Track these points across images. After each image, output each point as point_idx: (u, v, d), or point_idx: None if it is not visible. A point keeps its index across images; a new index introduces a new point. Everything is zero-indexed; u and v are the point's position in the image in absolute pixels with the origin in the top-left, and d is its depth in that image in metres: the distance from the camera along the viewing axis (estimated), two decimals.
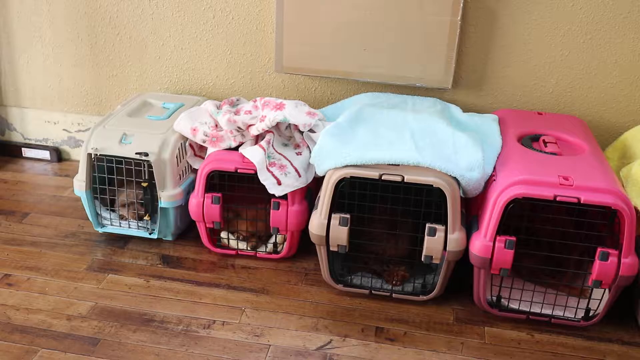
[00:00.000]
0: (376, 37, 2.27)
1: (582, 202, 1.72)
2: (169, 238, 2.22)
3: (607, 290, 1.81)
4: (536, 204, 1.81)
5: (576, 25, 2.23)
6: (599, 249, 1.75)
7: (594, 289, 1.82)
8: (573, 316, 1.86)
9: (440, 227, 1.82)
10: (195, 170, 2.19)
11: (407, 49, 2.26)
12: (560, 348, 1.81)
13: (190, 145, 2.19)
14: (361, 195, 1.85)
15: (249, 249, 2.14)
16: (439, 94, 2.37)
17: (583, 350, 1.80)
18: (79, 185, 2.14)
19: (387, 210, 1.90)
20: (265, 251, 2.14)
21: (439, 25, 2.21)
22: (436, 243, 1.83)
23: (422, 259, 1.86)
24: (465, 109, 2.33)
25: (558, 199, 1.73)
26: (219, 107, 2.21)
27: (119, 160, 2.09)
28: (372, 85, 2.42)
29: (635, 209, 1.79)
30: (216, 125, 2.14)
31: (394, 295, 1.96)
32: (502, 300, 1.89)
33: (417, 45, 2.25)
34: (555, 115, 2.28)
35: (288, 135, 2.16)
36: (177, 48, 2.51)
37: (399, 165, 1.83)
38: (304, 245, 2.12)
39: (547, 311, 1.87)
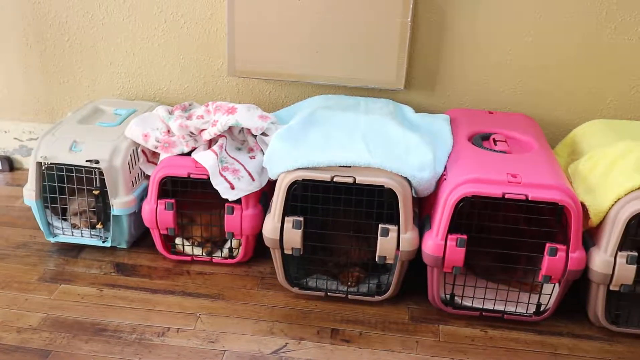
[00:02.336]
0: (328, 39, 2.27)
1: (529, 199, 1.74)
2: (123, 246, 2.19)
3: (557, 285, 1.84)
4: (488, 202, 1.83)
5: (523, 26, 2.26)
6: (547, 245, 1.78)
7: (544, 284, 1.85)
8: (525, 311, 1.89)
9: (392, 228, 1.83)
10: (148, 177, 2.17)
11: (359, 51, 2.28)
12: (512, 343, 1.83)
13: (143, 151, 2.17)
14: (314, 197, 1.85)
15: (204, 254, 2.12)
16: (392, 95, 2.39)
17: (535, 345, 1.83)
18: (29, 194, 2.10)
19: (340, 212, 1.91)
20: (221, 256, 2.13)
21: (390, 26, 2.22)
22: (389, 243, 1.84)
23: (376, 260, 1.87)
24: (418, 110, 2.34)
25: (506, 196, 1.75)
26: (171, 113, 2.19)
27: (70, 168, 2.06)
28: (325, 88, 2.43)
29: (582, 204, 1.83)
30: (168, 131, 2.12)
31: (349, 296, 1.96)
32: (456, 298, 1.90)
33: (369, 46, 2.26)
34: (506, 114, 2.32)
35: (241, 139, 2.15)
36: (129, 53, 2.49)
37: (350, 166, 1.84)
38: (260, 250, 2.11)
39: (499, 307, 1.89)
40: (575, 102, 2.34)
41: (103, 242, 2.15)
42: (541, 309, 1.88)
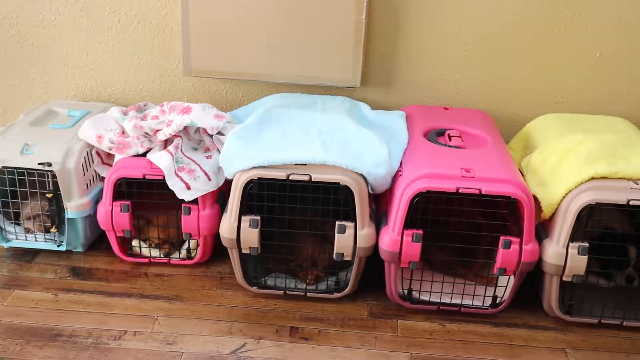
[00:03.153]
0: (284, 37, 2.27)
1: (483, 193, 1.77)
2: (79, 249, 2.16)
3: (511, 277, 1.87)
4: (445, 197, 1.85)
5: (478, 22, 2.29)
6: (501, 238, 1.80)
7: (500, 276, 1.88)
8: (481, 304, 1.91)
9: (349, 224, 1.84)
10: (103, 179, 2.14)
11: (314, 49, 2.28)
12: (470, 336, 1.86)
13: (97, 153, 2.14)
14: (270, 196, 1.85)
15: (162, 256, 2.10)
16: (348, 93, 2.39)
17: (491, 337, 1.86)
18: None
19: (297, 210, 1.91)
20: (179, 257, 2.11)
21: (345, 24, 2.23)
22: (346, 240, 1.85)
23: (334, 257, 1.88)
24: (375, 107, 2.36)
25: (460, 191, 1.77)
26: (125, 113, 2.16)
27: (21, 171, 2.02)
28: (283, 86, 2.42)
29: (534, 197, 1.86)
30: (123, 132, 2.09)
31: (308, 294, 1.96)
32: (413, 292, 1.92)
33: (325, 44, 2.27)
34: (461, 109, 2.35)
35: (198, 139, 2.14)
36: (82, 54, 2.45)
37: (306, 164, 1.84)
38: (219, 250, 2.09)
39: (456, 301, 1.92)
40: (529, 97, 2.38)
41: (58, 246, 2.11)
42: (497, 302, 1.90)
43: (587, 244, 1.79)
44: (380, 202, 2.03)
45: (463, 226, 1.92)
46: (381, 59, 2.36)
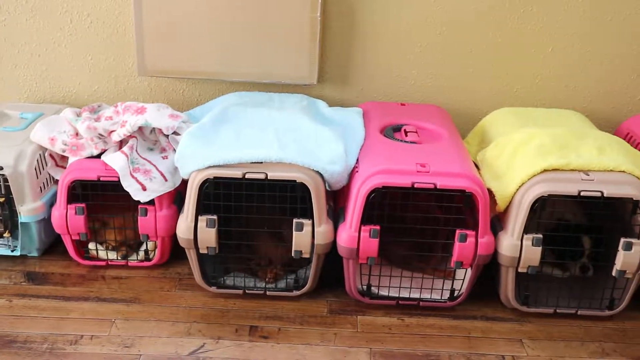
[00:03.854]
0: (239, 36, 2.26)
1: (438, 187, 1.78)
2: (34, 254, 2.12)
3: (468, 270, 1.89)
4: (403, 192, 1.85)
5: (433, 18, 2.31)
6: (457, 231, 1.82)
7: (457, 269, 1.90)
8: (440, 297, 1.93)
9: (307, 222, 1.84)
10: (57, 182, 2.10)
11: (270, 47, 2.27)
12: (428, 329, 1.87)
13: (51, 155, 2.10)
14: (227, 195, 1.84)
15: (119, 258, 2.08)
16: (306, 90, 2.39)
17: (450, 330, 1.87)
18: None
19: (254, 209, 1.90)
20: (137, 259, 2.09)
21: (300, 22, 2.23)
22: (304, 237, 1.85)
23: (292, 254, 1.87)
24: (333, 104, 2.36)
25: (416, 185, 1.78)
26: (78, 115, 2.13)
27: None
28: (240, 85, 2.41)
29: (489, 190, 1.88)
30: (76, 134, 2.06)
31: (268, 292, 1.96)
32: (372, 288, 1.93)
33: (280, 42, 2.26)
34: (418, 105, 2.36)
35: (153, 139, 2.12)
36: (34, 55, 2.40)
37: (262, 162, 1.83)
38: (177, 250, 2.07)
39: (415, 295, 1.93)
40: (485, 92, 2.41)
41: (12, 251, 2.07)
42: (455, 295, 1.92)
43: (540, 236, 1.81)
44: (338, 199, 2.03)
45: (420, 221, 1.93)
46: (338, 56, 2.36)
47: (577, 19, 2.29)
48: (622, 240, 1.80)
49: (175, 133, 2.05)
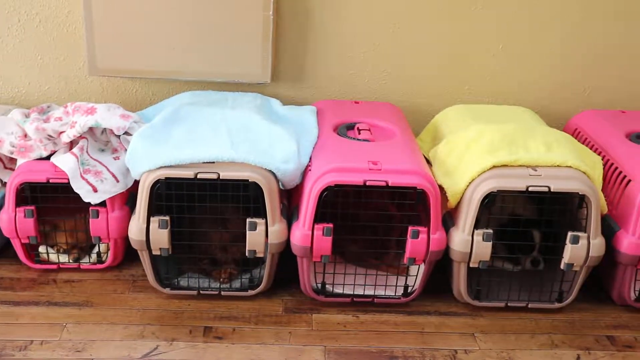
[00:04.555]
0: (192, 34, 2.25)
1: (389, 184, 1.80)
2: None
3: (421, 266, 1.91)
4: (358, 190, 1.86)
5: (386, 16, 2.32)
6: (410, 228, 1.84)
7: (410, 266, 1.92)
8: (394, 294, 1.95)
9: (260, 221, 1.84)
10: (5, 184, 2.06)
11: (223, 46, 2.26)
12: (383, 326, 1.89)
13: None
14: (179, 196, 1.83)
15: (71, 261, 2.05)
16: (260, 89, 2.39)
17: (404, 325, 1.89)
18: None
19: (207, 209, 1.89)
20: (89, 262, 2.06)
21: (253, 20, 2.22)
22: (258, 237, 1.85)
23: (247, 254, 1.87)
24: (287, 102, 2.36)
25: (368, 183, 1.80)
26: (27, 116, 2.09)
27: None
28: (194, 84, 2.40)
29: (440, 187, 1.90)
30: (25, 135, 2.02)
31: (222, 293, 1.95)
32: (327, 286, 1.94)
33: (233, 41, 2.25)
34: (371, 103, 2.38)
35: (105, 140, 2.09)
36: None
37: (214, 162, 1.82)
38: (131, 252, 2.05)
39: (370, 292, 1.94)
40: (437, 89, 2.44)
41: None
42: (409, 291, 1.94)
43: (491, 231, 1.84)
44: (293, 198, 2.04)
45: (374, 218, 1.95)
46: (291, 55, 2.37)
47: (526, 17, 2.33)
48: (569, 233, 1.84)
49: (127, 133, 2.02)
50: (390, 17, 2.32)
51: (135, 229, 1.84)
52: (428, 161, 2.08)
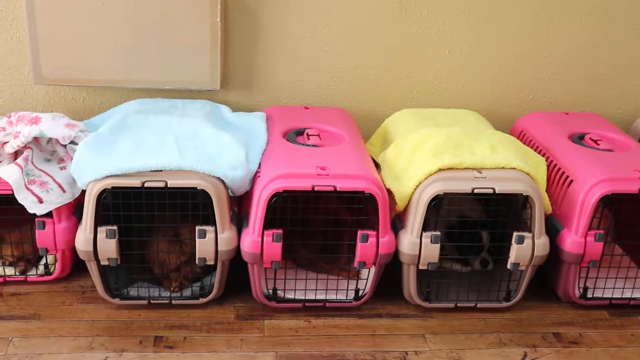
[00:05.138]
0: (138, 42, 2.23)
1: (338, 189, 1.81)
2: None
3: (371, 270, 1.92)
4: (311, 195, 1.87)
5: (334, 22, 2.34)
6: (359, 232, 1.86)
7: (360, 269, 1.93)
8: (345, 298, 1.96)
9: (209, 229, 1.83)
10: None
11: (171, 53, 2.25)
12: (335, 330, 1.90)
13: None
14: (127, 205, 1.81)
15: (17, 274, 2.01)
16: (210, 96, 2.38)
17: (355, 329, 1.90)
18: None
19: (155, 218, 1.88)
20: (37, 274, 2.02)
21: (200, 27, 2.22)
22: (208, 244, 1.84)
23: (197, 262, 1.86)
24: (237, 109, 2.36)
25: (316, 188, 1.80)
26: None
27: None
28: (143, 92, 2.37)
29: (389, 190, 1.92)
30: None
31: (173, 301, 1.94)
32: (279, 292, 1.94)
33: (181, 48, 2.24)
34: (322, 108, 2.40)
35: (50, 149, 2.05)
36: None
37: (162, 170, 1.81)
38: (81, 263, 2.01)
39: (321, 296, 1.95)
40: (387, 94, 2.46)
41: None
42: (360, 294, 1.96)
43: (438, 233, 1.87)
44: (243, 204, 2.03)
45: (324, 223, 1.96)
46: (241, 61, 2.37)
47: (471, 22, 2.38)
48: (515, 234, 1.88)
49: (73, 143, 2.00)
50: (338, 23, 2.34)
51: (82, 240, 1.82)
52: (378, 165, 2.10)
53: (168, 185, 1.78)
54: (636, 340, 1.91)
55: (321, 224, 1.96)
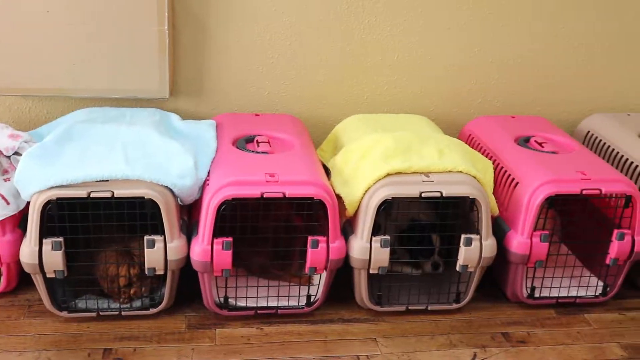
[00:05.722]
0: (85, 50, 2.20)
1: (287, 196, 1.81)
2: None
3: (323, 275, 1.93)
4: (263, 202, 1.86)
5: (281, 30, 2.35)
6: (309, 238, 1.86)
7: (312, 275, 1.94)
8: (297, 304, 1.96)
9: (158, 238, 1.81)
10: None
11: (118, 62, 2.22)
12: (287, 336, 1.90)
13: None
14: (73, 216, 1.78)
15: None
16: (159, 104, 2.36)
17: (308, 335, 1.91)
18: None
19: (102, 228, 1.85)
20: None
21: (148, 35, 2.20)
22: (157, 254, 1.82)
23: (146, 272, 1.84)
24: (187, 117, 2.34)
25: (265, 195, 1.80)
26: None
27: None
28: (90, 101, 2.34)
29: (339, 196, 1.93)
30: None
31: (123, 313, 1.91)
32: (230, 300, 1.93)
33: (128, 56, 2.22)
34: (272, 115, 2.40)
35: None
36: None
37: (108, 180, 1.79)
38: (27, 276, 1.97)
39: (273, 303, 1.95)
40: (337, 100, 2.48)
41: None
42: (312, 300, 1.96)
43: (388, 237, 1.89)
44: (193, 213, 2.02)
45: (277, 229, 1.96)
46: (190, 69, 2.35)
47: (420, 28, 2.41)
48: (463, 236, 1.91)
49: (17, 154, 1.96)
50: (286, 30, 2.35)
51: (27, 252, 1.78)
52: (329, 171, 2.11)
53: (115, 195, 1.76)
54: (582, 337, 1.96)
55: (272, 230, 1.96)
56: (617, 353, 1.90)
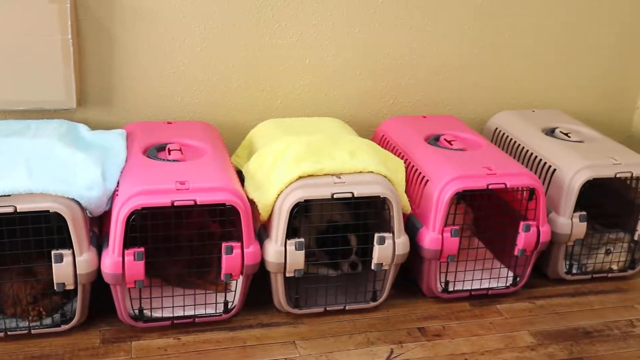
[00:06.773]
0: None
1: (198, 203, 1.80)
2: None
3: (239, 281, 1.92)
4: (178, 210, 1.84)
5: (191, 36, 2.33)
6: (223, 244, 1.85)
7: (228, 282, 1.93)
8: (214, 311, 1.95)
9: (66, 252, 1.77)
10: None
11: (22, 73, 2.16)
12: (205, 345, 1.88)
13: None
14: None
15: None
16: (67, 115, 2.29)
17: (226, 342, 1.90)
18: None
19: (5, 245, 1.79)
20: None
21: (50, 44, 2.14)
22: (65, 269, 1.77)
23: (55, 288, 1.79)
24: (97, 127, 2.28)
25: (175, 204, 1.78)
26: None
27: None
28: None
29: (253, 201, 1.93)
30: None
31: (32, 331, 1.85)
32: (145, 311, 1.90)
33: (31, 67, 2.15)
34: (185, 122, 2.37)
35: None
36: None
37: (10, 195, 1.73)
38: None
39: (190, 312, 1.93)
40: (251, 105, 2.48)
41: None
42: (229, 307, 1.95)
43: (302, 240, 1.90)
44: (104, 224, 1.98)
45: (189, 237, 1.94)
46: (98, 78, 2.30)
47: (330, 32, 2.44)
48: (376, 235, 1.94)
49: None
50: (196, 36, 2.33)
51: None
52: (243, 177, 2.11)
53: (17, 210, 1.70)
54: (494, 327, 2.02)
55: (187, 239, 1.94)
56: (527, 340, 1.97)
